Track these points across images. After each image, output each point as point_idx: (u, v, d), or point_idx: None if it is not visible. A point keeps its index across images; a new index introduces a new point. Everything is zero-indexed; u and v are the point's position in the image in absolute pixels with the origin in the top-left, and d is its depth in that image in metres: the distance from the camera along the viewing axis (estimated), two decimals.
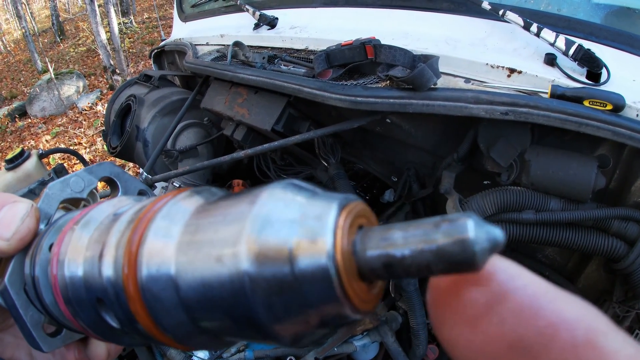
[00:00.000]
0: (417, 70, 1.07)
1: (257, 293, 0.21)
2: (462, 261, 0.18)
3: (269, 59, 1.59)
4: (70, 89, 11.87)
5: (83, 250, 0.32)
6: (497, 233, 0.19)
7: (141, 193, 0.48)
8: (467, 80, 1.20)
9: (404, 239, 0.19)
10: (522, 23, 1.18)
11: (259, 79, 1.41)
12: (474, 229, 0.18)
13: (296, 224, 0.21)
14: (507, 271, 0.22)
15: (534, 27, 1.16)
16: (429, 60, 1.12)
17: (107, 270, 0.29)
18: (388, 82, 1.20)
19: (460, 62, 1.22)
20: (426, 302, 0.24)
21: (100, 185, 0.45)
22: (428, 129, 1.37)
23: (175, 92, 2.28)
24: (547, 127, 1.02)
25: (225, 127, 1.77)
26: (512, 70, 1.15)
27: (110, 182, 0.47)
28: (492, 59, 1.18)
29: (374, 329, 1.70)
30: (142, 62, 13.12)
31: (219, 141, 2.22)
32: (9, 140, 11.14)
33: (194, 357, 1.58)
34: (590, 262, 1.49)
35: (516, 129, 1.14)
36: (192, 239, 0.24)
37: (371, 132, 1.55)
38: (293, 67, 1.50)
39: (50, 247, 0.38)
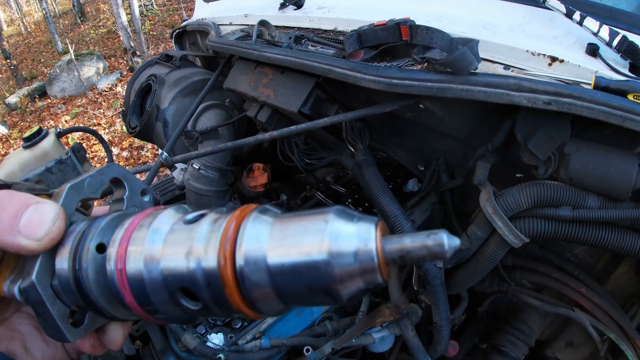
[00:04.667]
0: (458, 52, 1.01)
1: (334, 272, 0.35)
2: (440, 255, 0.33)
3: (296, 39, 1.53)
4: (90, 70, 11.95)
5: (160, 250, 0.41)
6: (457, 241, 0.34)
7: (143, 192, 0.55)
8: (507, 67, 1.14)
9: (412, 243, 0.34)
10: (564, 10, 1.12)
11: (287, 59, 1.35)
12: (446, 238, 0.33)
13: (355, 236, 0.36)
14: None
15: (577, 15, 1.10)
16: (468, 44, 1.06)
17: (199, 264, 0.38)
18: (425, 64, 1.13)
19: (499, 48, 1.16)
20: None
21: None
22: (461, 117, 1.30)
23: (197, 73, 2.24)
24: (587, 120, 0.96)
25: (249, 108, 1.72)
26: (553, 59, 1.09)
27: (117, 182, 0.53)
28: (532, 46, 1.12)
29: (394, 322, 1.66)
30: (163, 45, 13.14)
31: (241, 123, 2.17)
32: (29, 120, 11.27)
33: (208, 343, 1.55)
34: (621, 263, 1.45)
35: (556, 120, 1.07)
36: (282, 241, 0.37)
37: (400, 118, 1.49)
38: (321, 47, 1.44)
39: (97, 247, 0.44)
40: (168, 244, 0.40)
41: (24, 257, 0.48)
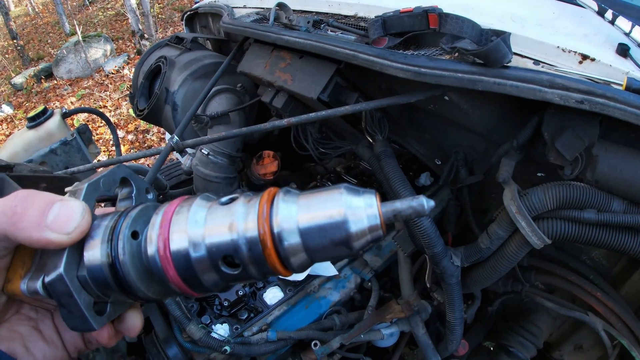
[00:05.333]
0: (492, 44, 0.96)
1: (351, 229, 0.45)
2: (421, 213, 0.45)
3: (315, 23, 1.48)
4: (97, 52, 11.89)
5: (203, 227, 0.48)
6: (432, 202, 0.45)
7: (147, 191, 0.63)
8: (537, 62, 1.09)
9: (402, 205, 0.46)
10: (596, 8, 1.09)
11: (308, 42, 1.30)
12: (425, 201, 0.45)
13: (362, 203, 0.46)
14: None
15: (609, 14, 1.07)
16: (501, 36, 1.01)
17: (242, 234, 0.47)
18: (456, 54, 1.08)
19: (528, 42, 1.12)
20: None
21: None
22: (486, 111, 1.25)
23: (208, 56, 2.18)
24: (615, 121, 0.92)
25: (264, 93, 1.67)
26: (584, 57, 1.04)
27: (125, 181, 0.60)
28: (562, 42, 1.08)
29: (404, 319, 1.62)
30: (171, 28, 13.07)
31: (251, 109, 2.13)
32: (34, 100, 11.24)
33: (213, 334, 1.51)
34: (638, 269, 1.41)
35: (585, 120, 1.03)
36: (308, 210, 0.47)
37: (421, 110, 1.44)
38: (341, 33, 1.39)
39: (132, 234, 0.51)
40: (210, 222, 0.49)
41: (42, 254, 0.53)
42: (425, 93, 1.15)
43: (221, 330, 1.56)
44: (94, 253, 0.49)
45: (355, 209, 0.45)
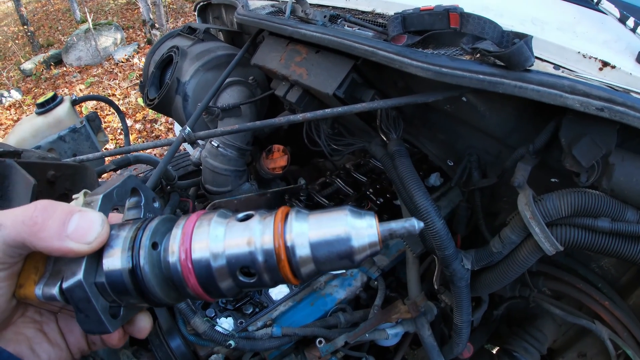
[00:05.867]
0: (515, 46, 0.94)
1: (354, 245, 0.52)
2: (412, 233, 0.53)
3: (331, 18, 1.46)
4: (107, 40, 11.89)
5: (222, 241, 0.54)
6: (422, 224, 0.54)
7: (154, 200, 0.67)
8: (557, 66, 1.08)
9: (396, 225, 0.53)
10: (618, 15, 1.06)
11: (325, 37, 1.28)
12: (416, 222, 0.53)
13: (364, 223, 0.53)
14: None
15: (630, 22, 1.04)
16: (523, 39, 0.99)
17: (260, 247, 0.53)
18: (477, 55, 1.06)
19: (549, 46, 1.10)
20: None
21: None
22: (503, 114, 1.23)
23: (221, 47, 2.17)
24: (633, 130, 0.91)
25: (277, 87, 1.65)
26: (605, 64, 1.03)
27: (135, 191, 0.64)
28: (583, 47, 1.06)
29: (410, 319, 1.61)
30: (182, 19, 13.07)
31: (262, 102, 2.11)
32: (43, 87, 11.25)
33: (217, 327, 1.51)
34: None
35: (603, 127, 1.01)
36: (318, 227, 0.53)
37: (436, 109, 1.42)
38: (358, 29, 1.37)
39: (153, 245, 0.55)
40: (229, 236, 0.54)
41: (55, 261, 0.55)
42: (444, 93, 1.13)
43: (225, 324, 1.55)
44: (114, 261, 0.53)
45: (359, 229, 0.52)
